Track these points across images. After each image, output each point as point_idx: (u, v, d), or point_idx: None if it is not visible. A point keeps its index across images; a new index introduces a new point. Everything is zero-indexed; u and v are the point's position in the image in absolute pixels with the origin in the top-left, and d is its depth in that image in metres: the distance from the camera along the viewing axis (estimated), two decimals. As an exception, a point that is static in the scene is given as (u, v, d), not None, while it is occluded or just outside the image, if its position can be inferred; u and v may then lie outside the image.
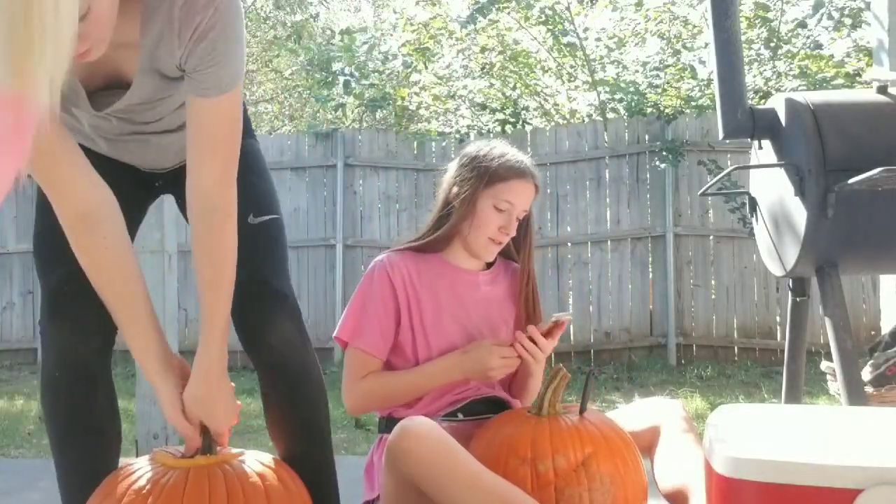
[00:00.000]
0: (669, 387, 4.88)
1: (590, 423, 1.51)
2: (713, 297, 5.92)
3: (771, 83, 6.51)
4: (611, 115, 6.82)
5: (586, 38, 7.44)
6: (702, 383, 5.11)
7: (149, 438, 2.91)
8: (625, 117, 6.41)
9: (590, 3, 7.46)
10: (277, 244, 1.50)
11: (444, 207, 1.76)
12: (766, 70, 6.70)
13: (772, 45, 6.87)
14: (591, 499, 1.41)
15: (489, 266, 1.82)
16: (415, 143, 6.27)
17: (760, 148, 2.45)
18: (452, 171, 1.78)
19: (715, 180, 2.78)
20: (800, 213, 2.18)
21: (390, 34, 9.64)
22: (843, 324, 2.19)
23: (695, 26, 7.56)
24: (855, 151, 2.13)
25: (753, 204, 2.53)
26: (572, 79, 7.79)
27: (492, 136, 6.59)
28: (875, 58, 3.59)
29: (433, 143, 6.35)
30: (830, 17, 6.67)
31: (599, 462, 1.44)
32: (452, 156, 6.23)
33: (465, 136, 6.37)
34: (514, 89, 7.87)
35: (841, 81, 6.01)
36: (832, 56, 6.68)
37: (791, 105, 2.26)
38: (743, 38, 6.41)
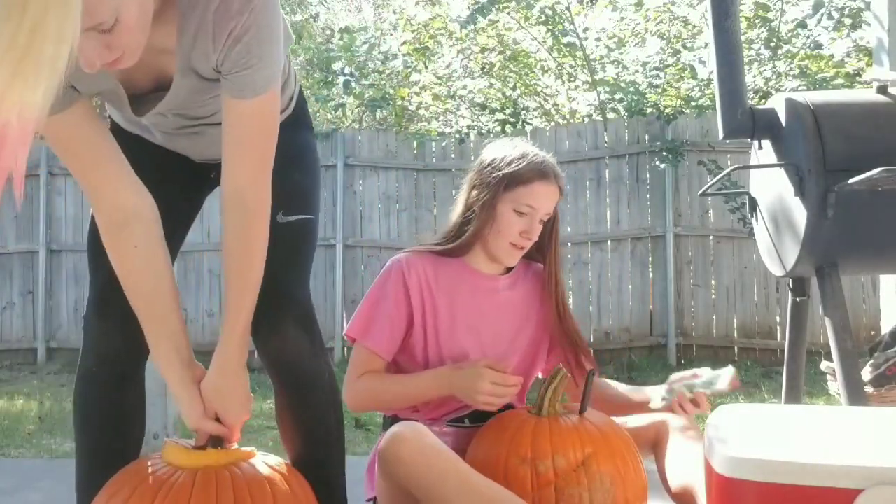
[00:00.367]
0: (669, 387, 4.87)
1: (590, 423, 1.51)
2: (713, 297, 5.92)
3: (771, 83, 6.52)
4: (611, 115, 6.82)
5: (586, 38, 7.44)
6: (702, 383, 5.10)
7: (149, 438, 2.90)
8: (625, 117, 6.41)
9: (590, 3, 7.46)
10: (301, 247, 1.47)
11: (466, 212, 1.71)
12: (766, 70, 6.70)
13: (772, 45, 6.87)
14: (591, 499, 1.42)
15: (509, 269, 1.76)
16: (415, 143, 6.27)
17: (760, 148, 2.45)
18: (473, 174, 1.72)
19: (715, 180, 2.78)
20: (800, 213, 2.18)
21: (390, 34, 9.65)
22: (843, 324, 2.20)
23: (695, 26, 7.57)
24: (855, 151, 2.13)
25: (753, 204, 2.53)
26: (572, 79, 7.79)
27: (492, 135, 6.59)
28: (875, 58, 3.59)
29: (433, 143, 6.35)
30: (830, 17, 6.68)
31: (599, 462, 1.44)
32: (452, 156, 6.33)
33: (465, 136, 6.36)
34: (514, 89, 7.87)
35: (841, 81, 6.02)
36: (832, 56, 6.68)
37: (791, 105, 2.26)
38: (743, 38, 6.41)
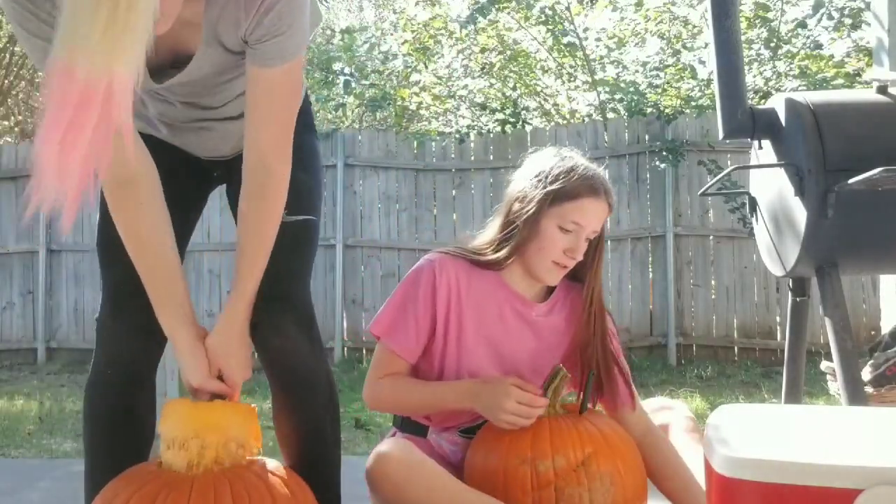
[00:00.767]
0: (669, 387, 4.87)
1: (590, 423, 1.51)
2: (713, 297, 5.92)
3: (771, 83, 6.52)
4: (611, 115, 6.82)
5: (586, 39, 7.44)
6: (702, 383, 5.11)
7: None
8: (625, 117, 6.40)
9: (590, 4, 7.46)
10: (303, 248, 1.46)
11: (506, 227, 1.61)
12: (766, 70, 6.70)
13: (772, 45, 6.87)
14: (591, 499, 1.42)
15: (549, 292, 1.67)
16: (415, 143, 6.27)
17: (760, 148, 2.45)
18: (517, 185, 1.62)
19: (715, 180, 2.78)
20: (800, 213, 2.18)
21: (390, 34, 9.64)
22: (843, 324, 2.19)
23: (695, 26, 7.57)
24: (855, 151, 2.13)
25: (753, 204, 2.53)
26: (572, 79, 7.79)
27: (492, 135, 6.59)
28: (875, 58, 3.59)
29: (433, 143, 6.35)
30: (830, 17, 6.68)
31: (599, 462, 1.44)
32: (452, 156, 6.32)
33: (466, 136, 6.36)
34: (514, 89, 7.87)
35: (841, 81, 6.02)
36: (832, 56, 6.68)
37: (791, 105, 2.26)
38: (743, 38, 6.41)
